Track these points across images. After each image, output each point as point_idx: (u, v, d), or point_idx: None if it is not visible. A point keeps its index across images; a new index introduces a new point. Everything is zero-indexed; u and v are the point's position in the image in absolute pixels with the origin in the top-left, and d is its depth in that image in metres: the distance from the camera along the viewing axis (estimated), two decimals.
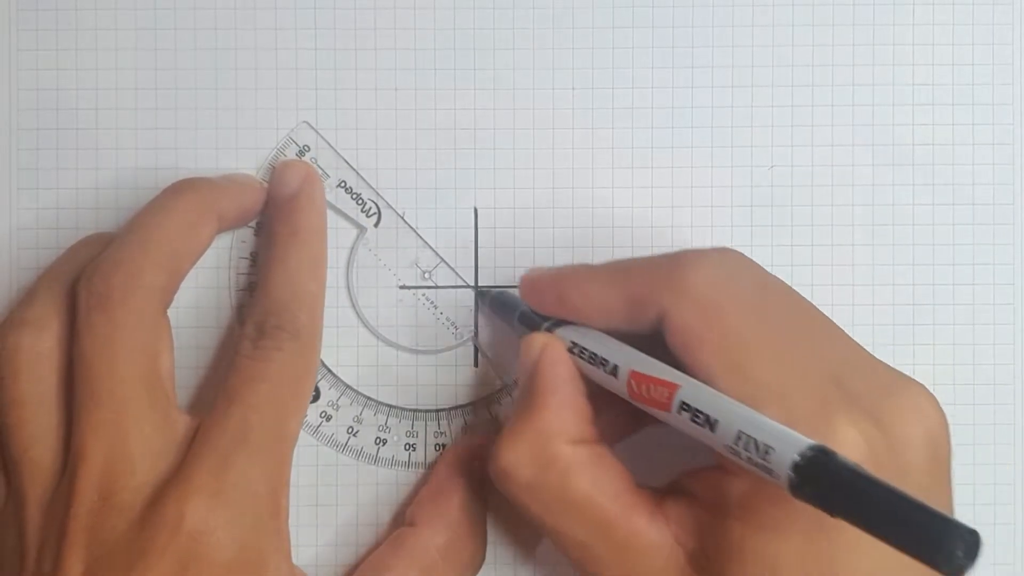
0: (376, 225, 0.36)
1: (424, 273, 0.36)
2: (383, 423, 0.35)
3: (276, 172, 0.35)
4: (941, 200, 0.36)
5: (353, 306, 0.36)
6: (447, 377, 0.36)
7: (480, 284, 0.36)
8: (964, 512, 0.35)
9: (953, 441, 0.36)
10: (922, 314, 0.36)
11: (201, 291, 0.35)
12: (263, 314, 0.32)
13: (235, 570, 0.29)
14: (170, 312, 0.32)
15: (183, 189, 0.33)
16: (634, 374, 0.29)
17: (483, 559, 0.34)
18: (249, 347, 0.31)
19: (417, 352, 0.36)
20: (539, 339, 0.31)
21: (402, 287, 0.36)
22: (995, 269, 0.36)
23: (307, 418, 0.35)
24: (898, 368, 0.33)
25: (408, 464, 0.35)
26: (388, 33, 0.36)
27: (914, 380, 0.29)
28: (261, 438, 0.30)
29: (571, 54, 0.36)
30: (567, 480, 0.29)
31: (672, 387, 0.28)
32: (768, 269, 0.36)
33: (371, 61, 0.36)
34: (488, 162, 0.36)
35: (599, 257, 0.36)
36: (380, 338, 0.36)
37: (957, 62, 0.36)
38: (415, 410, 0.35)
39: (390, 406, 0.35)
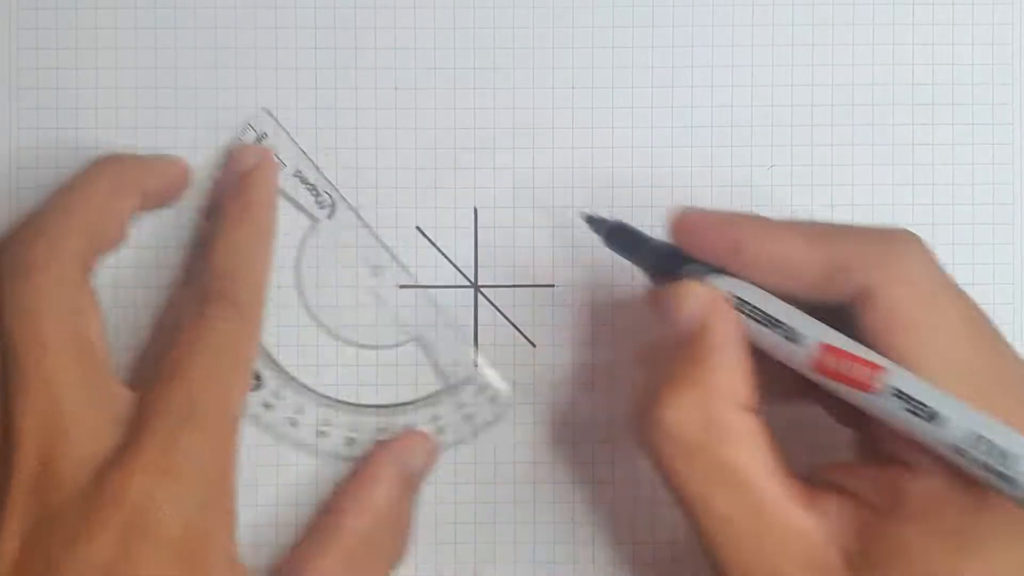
0: (329, 217, 0.36)
1: (374, 269, 0.36)
2: (325, 418, 0.35)
3: (232, 153, 0.35)
4: (941, 200, 0.36)
5: (300, 295, 0.35)
6: (389, 374, 0.36)
7: (480, 284, 0.36)
8: None
9: None
10: None
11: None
12: (207, 280, 0.32)
13: (180, 548, 0.28)
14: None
15: (105, 162, 0.33)
16: (829, 348, 0.27)
17: (405, 552, 0.34)
18: (194, 315, 0.31)
19: (358, 347, 0.36)
20: (703, 289, 0.29)
21: (402, 287, 0.36)
22: (995, 269, 0.36)
23: (250, 406, 0.35)
24: None
25: (349, 458, 0.35)
26: (388, 32, 0.36)
27: None
28: (206, 414, 0.30)
29: (571, 54, 0.36)
30: (730, 448, 0.27)
31: (877, 369, 0.26)
32: None
33: (371, 60, 0.36)
34: (488, 162, 0.36)
35: (598, 257, 0.36)
36: (325, 330, 0.36)
37: (957, 62, 0.36)
38: (357, 405, 0.35)
39: (332, 399, 0.35)
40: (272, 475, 0.35)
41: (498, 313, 0.36)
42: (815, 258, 0.28)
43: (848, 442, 0.30)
